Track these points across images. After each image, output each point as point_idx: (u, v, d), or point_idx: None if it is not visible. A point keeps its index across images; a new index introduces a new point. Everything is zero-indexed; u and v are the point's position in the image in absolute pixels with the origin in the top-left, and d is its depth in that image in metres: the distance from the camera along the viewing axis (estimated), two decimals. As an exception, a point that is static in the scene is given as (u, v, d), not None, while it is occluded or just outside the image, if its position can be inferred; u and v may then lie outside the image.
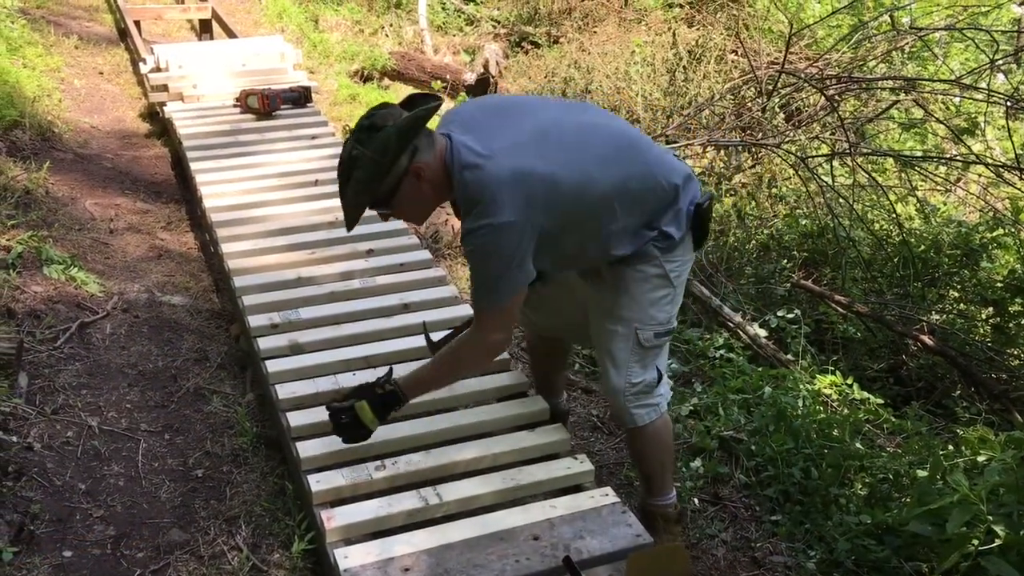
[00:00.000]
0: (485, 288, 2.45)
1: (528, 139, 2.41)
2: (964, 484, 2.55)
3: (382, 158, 2.36)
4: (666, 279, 2.60)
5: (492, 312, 2.47)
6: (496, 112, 2.56)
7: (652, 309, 2.61)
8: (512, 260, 2.37)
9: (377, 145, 2.35)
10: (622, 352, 2.64)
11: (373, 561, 2.41)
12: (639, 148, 2.56)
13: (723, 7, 9.35)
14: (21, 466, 2.90)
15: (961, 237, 5.52)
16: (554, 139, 2.44)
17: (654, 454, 2.77)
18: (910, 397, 4.58)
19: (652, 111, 7.54)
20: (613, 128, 2.60)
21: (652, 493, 2.83)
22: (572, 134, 2.48)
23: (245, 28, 8.37)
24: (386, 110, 2.42)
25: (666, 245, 2.57)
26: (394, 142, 2.36)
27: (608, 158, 2.48)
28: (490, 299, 2.45)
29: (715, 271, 5.45)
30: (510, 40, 10.21)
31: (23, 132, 5.34)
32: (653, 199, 2.54)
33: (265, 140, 5.25)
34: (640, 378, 2.65)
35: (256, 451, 3.20)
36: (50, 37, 7.45)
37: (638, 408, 2.68)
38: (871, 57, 7.05)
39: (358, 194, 2.41)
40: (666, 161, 2.60)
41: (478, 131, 2.44)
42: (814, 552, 2.95)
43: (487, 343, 2.54)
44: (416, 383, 2.66)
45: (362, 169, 2.37)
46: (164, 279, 4.31)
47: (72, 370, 3.46)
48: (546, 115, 2.54)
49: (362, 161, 2.36)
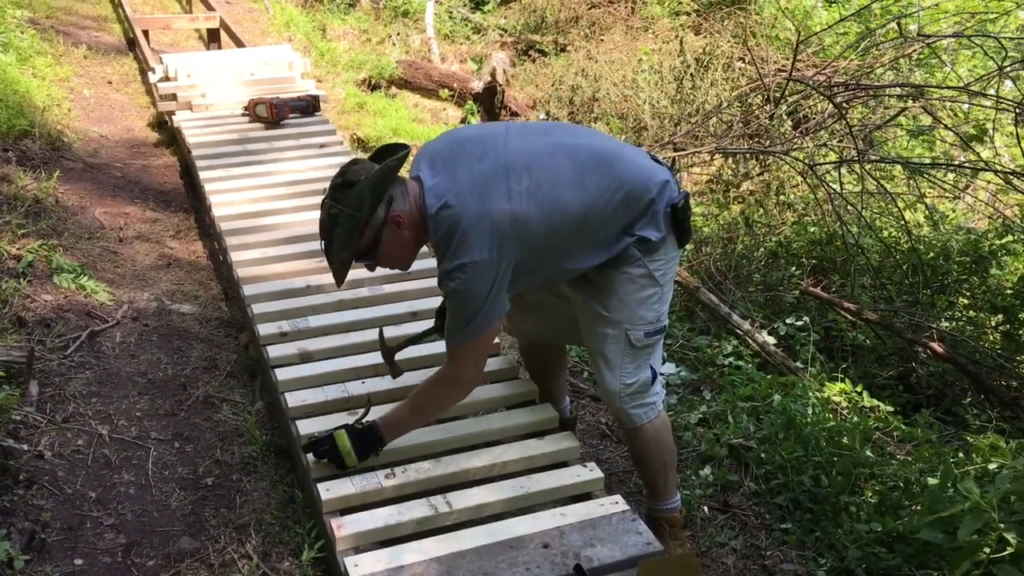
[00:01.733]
0: (459, 325, 2.50)
1: (494, 176, 2.45)
2: (975, 492, 2.53)
3: (358, 213, 2.44)
4: (651, 278, 2.63)
5: (465, 348, 2.55)
6: (462, 149, 2.56)
7: (640, 309, 2.64)
8: (486, 297, 2.43)
9: (353, 201, 2.43)
10: (614, 354, 2.67)
11: (383, 569, 2.40)
12: (608, 163, 2.56)
13: (730, 15, 9.36)
14: (32, 474, 2.91)
15: (970, 244, 5.50)
16: (520, 173, 2.46)
17: (655, 455, 2.79)
18: (920, 404, 4.56)
19: (660, 119, 7.56)
20: (580, 147, 2.58)
21: (657, 497, 2.85)
22: (538, 162, 2.50)
23: (253, 37, 8.41)
24: (358, 165, 2.50)
25: (646, 247, 2.59)
26: (369, 195, 2.43)
27: (576, 182, 2.49)
28: (464, 335, 2.51)
29: (724, 279, 5.45)
30: (517, 49, 10.24)
31: (33, 142, 5.37)
32: (626, 212, 2.55)
33: (274, 149, 5.27)
34: (634, 378, 2.68)
35: (266, 459, 3.20)
36: (59, 47, 7.49)
37: (635, 408, 2.71)
38: (879, 64, 7.04)
39: (341, 250, 2.50)
40: (641, 170, 2.59)
41: (446, 172, 2.48)
42: (825, 560, 2.94)
43: (461, 379, 2.63)
44: (394, 425, 2.74)
45: (341, 226, 2.45)
46: (173, 288, 4.32)
47: (82, 378, 3.47)
48: (513, 146, 2.54)
49: (340, 218, 2.45)
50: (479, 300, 2.43)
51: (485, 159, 2.49)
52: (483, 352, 2.61)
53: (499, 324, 2.56)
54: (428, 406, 2.73)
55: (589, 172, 2.52)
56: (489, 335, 2.55)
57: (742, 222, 6.31)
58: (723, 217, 6.48)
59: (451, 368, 2.63)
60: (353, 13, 10.35)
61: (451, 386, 2.66)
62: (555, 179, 2.48)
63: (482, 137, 2.59)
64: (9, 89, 5.67)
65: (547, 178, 2.48)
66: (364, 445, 2.71)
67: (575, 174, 2.51)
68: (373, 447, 2.72)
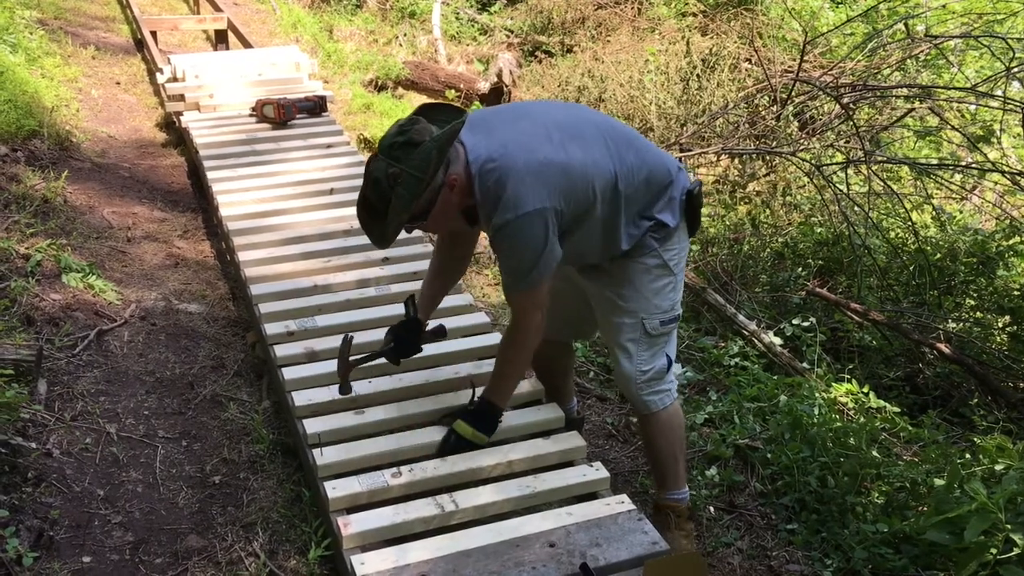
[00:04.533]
0: (519, 275, 2.51)
1: (534, 132, 2.49)
2: (982, 493, 2.53)
3: (423, 174, 2.38)
4: (666, 267, 2.68)
5: (528, 295, 2.55)
6: (496, 115, 2.65)
7: (656, 299, 2.69)
8: (543, 246, 2.44)
9: (418, 161, 2.37)
10: (631, 343, 2.72)
11: (389, 568, 2.41)
12: (633, 139, 2.66)
13: (737, 16, 9.35)
14: (40, 472, 2.92)
15: (977, 245, 5.49)
16: (557, 132, 2.51)
17: (667, 443, 2.84)
18: (927, 405, 4.55)
19: (666, 119, 7.55)
20: (609, 122, 2.71)
21: (666, 487, 2.88)
22: (573, 128, 2.55)
23: (260, 38, 8.43)
24: (420, 125, 2.42)
25: (663, 235, 2.64)
26: (435, 157, 2.38)
27: (609, 146, 2.55)
28: (526, 284, 2.51)
29: (730, 279, 5.44)
30: (523, 49, 10.24)
31: (41, 142, 5.39)
32: (647, 191, 2.61)
33: (281, 149, 5.28)
34: (650, 365, 2.74)
35: (273, 458, 3.21)
36: (68, 48, 7.52)
37: (651, 395, 2.77)
38: (885, 65, 7.03)
39: (400, 211, 2.42)
40: (660, 154, 2.70)
41: (484, 132, 2.50)
42: (831, 561, 2.93)
43: (532, 328, 2.62)
44: (499, 390, 2.80)
45: (403, 186, 2.38)
46: (181, 287, 4.34)
47: (90, 377, 3.49)
48: (546, 114, 2.63)
49: (403, 178, 2.38)
50: (536, 251, 2.44)
51: (522, 120, 2.55)
52: (542, 299, 2.59)
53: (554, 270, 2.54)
54: (517, 359, 2.73)
55: (621, 142, 2.59)
56: (546, 285, 2.54)
57: (748, 223, 6.30)
58: (729, 218, 6.47)
59: (518, 320, 2.64)
60: (360, 14, 10.37)
61: (524, 335, 2.65)
62: (593, 142, 2.54)
63: (514, 106, 2.70)
64: (18, 89, 5.69)
65: (585, 140, 2.53)
66: (484, 421, 2.79)
67: (611, 141, 2.57)
68: (495, 418, 2.80)
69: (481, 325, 3.59)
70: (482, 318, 3.64)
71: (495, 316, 4.22)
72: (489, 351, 3.36)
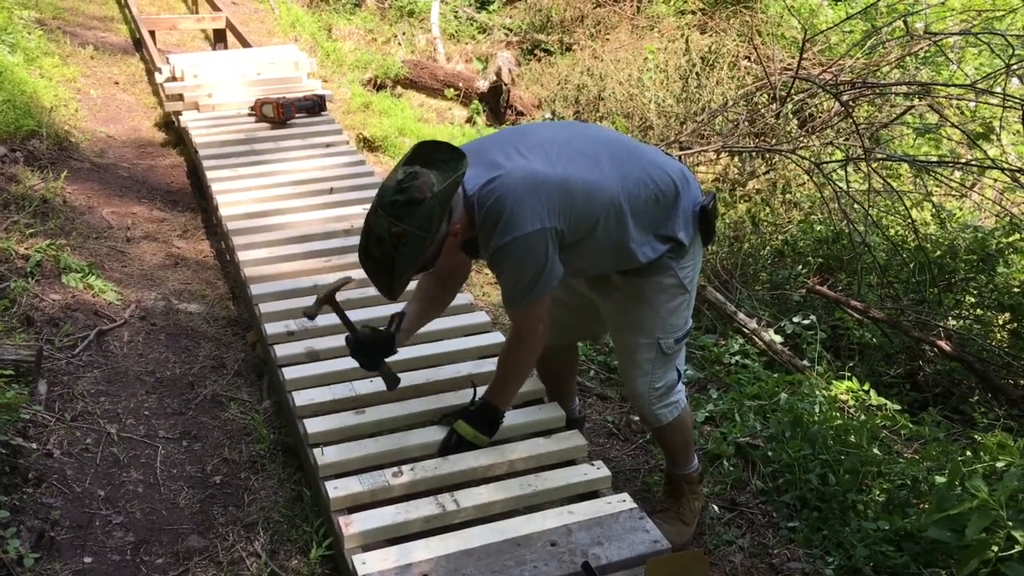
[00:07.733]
0: (520, 294, 2.49)
1: (532, 151, 2.47)
2: (983, 490, 2.53)
3: (427, 233, 2.33)
4: (681, 287, 2.67)
5: (529, 309, 2.54)
6: (487, 141, 2.61)
7: (672, 318, 2.69)
8: (543, 265, 2.42)
9: (422, 221, 2.32)
10: (646, 362, 2.73)
11: (391, 567, 2.41)
12: (635, 151, 2.63)
13: (736, 13, 9.35)
14: (41, 472, 2.92)
15: (977, 242, 5.49)
16: (556, 149, 2.48)
17: (678, 439, 2.94)
18: (927, 403, 4.55)
19: (665, 117, 7.55)
20: (608, 136, 2.68)
21: (678, 465, 3.00)
22: (571, 144, 2.53)
23: (259, 37, 8.42)
24: (419, 180, 2.32)
25: (677, 253, 2.63)
26: (438, 213, 2.34)
27: (611, 160, 2.53)
28: (527, 299, 2.50)
29: (730, 277, 5.44)
30: (522, 48, 10.24)
31: (40, 142, 5.39)
32: (661, 199, 2.57)
33: (280, 148, 5.28)
34: (663, 381, 2.77)
35: (273, 458, 3.21)
36: (66, 47, 7.51)
37: (661, 409, 2.81)
38: (885, 62, 7.03)
39: (406, 269, 2.39)
40: (661, 161, 2.65)
41: (481, 160, 2.46)
42: (832, 558, 2.93)
43: (534, 338, 2.62)
44: (500, 394, 2.79)
45: (407, 246, 2.34)
46: (181, 287, 4.33)
47: (90, 377, 3.49)
48: (543, 133, 2.59)
49: (407, 238, 2.32)
50: (536, 271, 2.43)
51: (524, 140, 2.52)
52: (543, 312, 2.57)
53: (555, 285, 2.53)
54: (519, 367, 2.74)
55: (622, 156, 2.56)
56: (547, 299, 2.53)
57: (748, 221, 6.30)
58: (729, 216, 6.46)
59: (519, 332, 2.64)
60: (359, 13, 10.36)
61: (526, 347, 2.66)
62: (593, 158, 2.51)
63: (502, 132, 2.64)
64: (16, 90, 5.69)
65: (585, 156, 2.50)
66: (485, 422, 2.79)
67: (611, 155, 2.54)
68: (496, 419, 2.80)
69: (481, 324, 3.58)
70: (483, 317, 3.64)
71: (495, 315, 4.22)
72: (489, 350, 3.36)
